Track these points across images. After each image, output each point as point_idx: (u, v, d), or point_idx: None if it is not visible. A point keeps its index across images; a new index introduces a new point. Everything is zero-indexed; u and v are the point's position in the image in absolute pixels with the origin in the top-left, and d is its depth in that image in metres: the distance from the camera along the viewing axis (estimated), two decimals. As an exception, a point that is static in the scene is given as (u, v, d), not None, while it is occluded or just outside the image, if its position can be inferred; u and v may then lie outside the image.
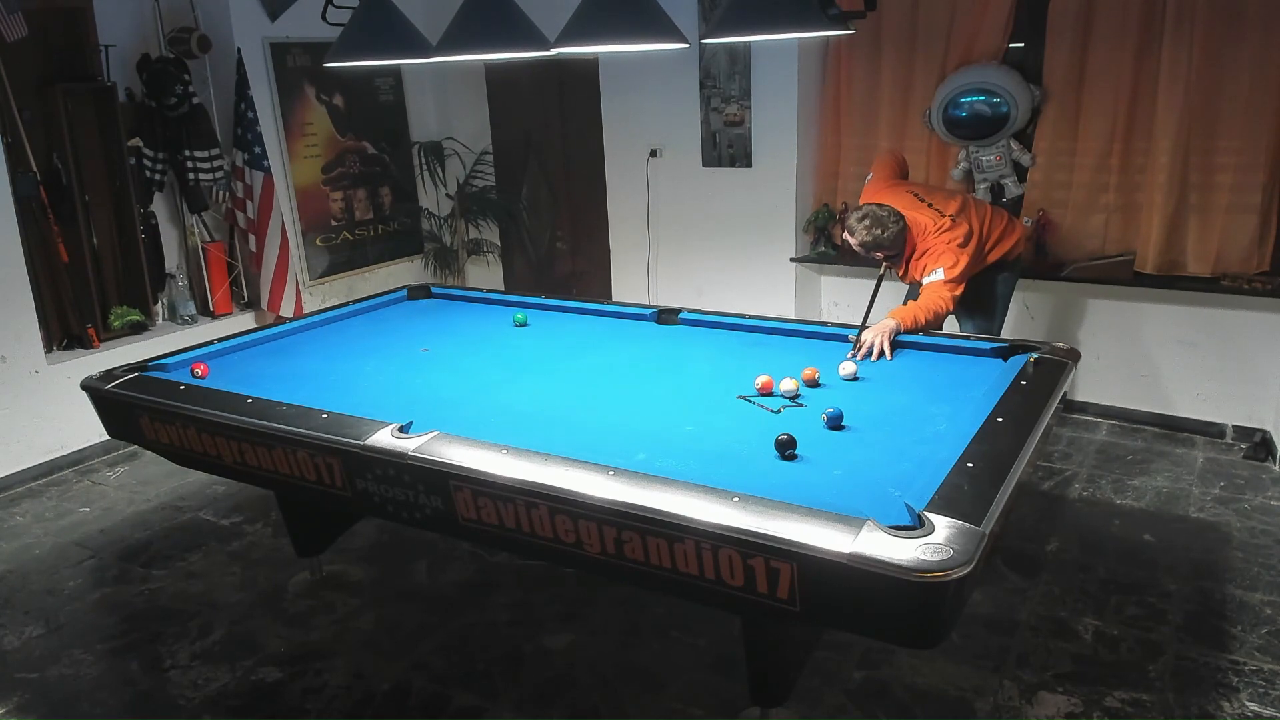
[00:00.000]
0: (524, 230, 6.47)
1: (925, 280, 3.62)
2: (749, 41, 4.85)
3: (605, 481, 2.13)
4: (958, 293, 3.59)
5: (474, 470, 2.28)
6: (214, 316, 5.19)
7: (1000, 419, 2.45)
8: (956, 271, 3.59)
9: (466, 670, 2.90)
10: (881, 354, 3.14)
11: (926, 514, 1.92)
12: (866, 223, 3.68)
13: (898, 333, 3.25)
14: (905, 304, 3.66)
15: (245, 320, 5.21)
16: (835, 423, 2.53)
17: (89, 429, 4.19)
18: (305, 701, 2.79)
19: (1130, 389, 4.61)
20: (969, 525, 1.88)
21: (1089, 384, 4.68)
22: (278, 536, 3.73)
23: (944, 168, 4.87)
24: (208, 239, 5.21)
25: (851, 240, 3.75)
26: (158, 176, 4.92)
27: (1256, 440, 4.23)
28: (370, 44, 3.16)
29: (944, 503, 1.99)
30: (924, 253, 3.72)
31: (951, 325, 4.07)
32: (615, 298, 5.80)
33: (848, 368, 2.96)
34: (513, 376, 3.12)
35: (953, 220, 3.74)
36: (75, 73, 4.55)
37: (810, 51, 4.95)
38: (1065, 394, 2.83)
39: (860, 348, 3.15)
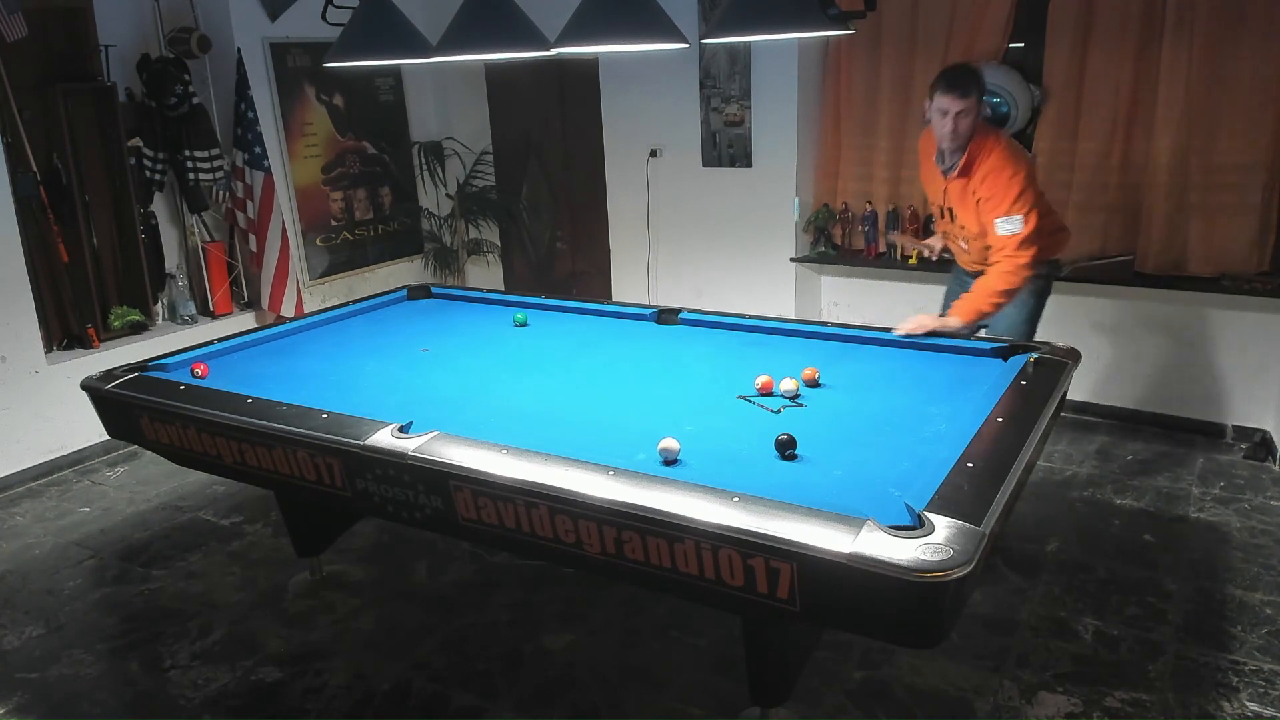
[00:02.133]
0: (524, 230, 6.47)
1: (997, 230, 3.12)
2: (749, 41, 4.85)
3: (605, 481, 2.13)
4: (1027, 267, 3.07)
5: (474, 470, 2.27)
6: (214, 316, 5.19)
7: (1000, 419, 2.44)
8: (1030, 228, 3.06)
9: (466, 670, 2.90)
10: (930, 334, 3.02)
11: (926, 514, 1.92)
12: (964, 71, 3.18)
13: (948, 332, 3.08)
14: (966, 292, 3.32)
15: (245, 320, 5.21)
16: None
17: (89, 429, 4.19)
18: (305, 701, 2.79)
19: (1130, 389, 4.61)
20: (969, 525, 1.88)
21: (1089, 384, 4.68)
22: (278, 536, 3.73)
23: (944, 168, 4.87)
24: (208, 239, 5.21)
25: (947, 98, 3.16)
26: (158, 176, 4.92)
27: (1256, 440, 4.23)
28: (370, 44, 3.16)
29: (944, 503, 1.99)
30: (985, 177, 3.19)
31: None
32: (615, 298, 5.80)
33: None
34: (513, 376, 3.12)
35: (1014, 171, 3.20)
36: (75, 73, 4.55)
37: (810, 51, 4.95)
38: (1065, 394, 2.83)
39: (910, 322, 3.03)
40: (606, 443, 2.45)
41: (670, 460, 2.32)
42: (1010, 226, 3.08)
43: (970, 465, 2.17)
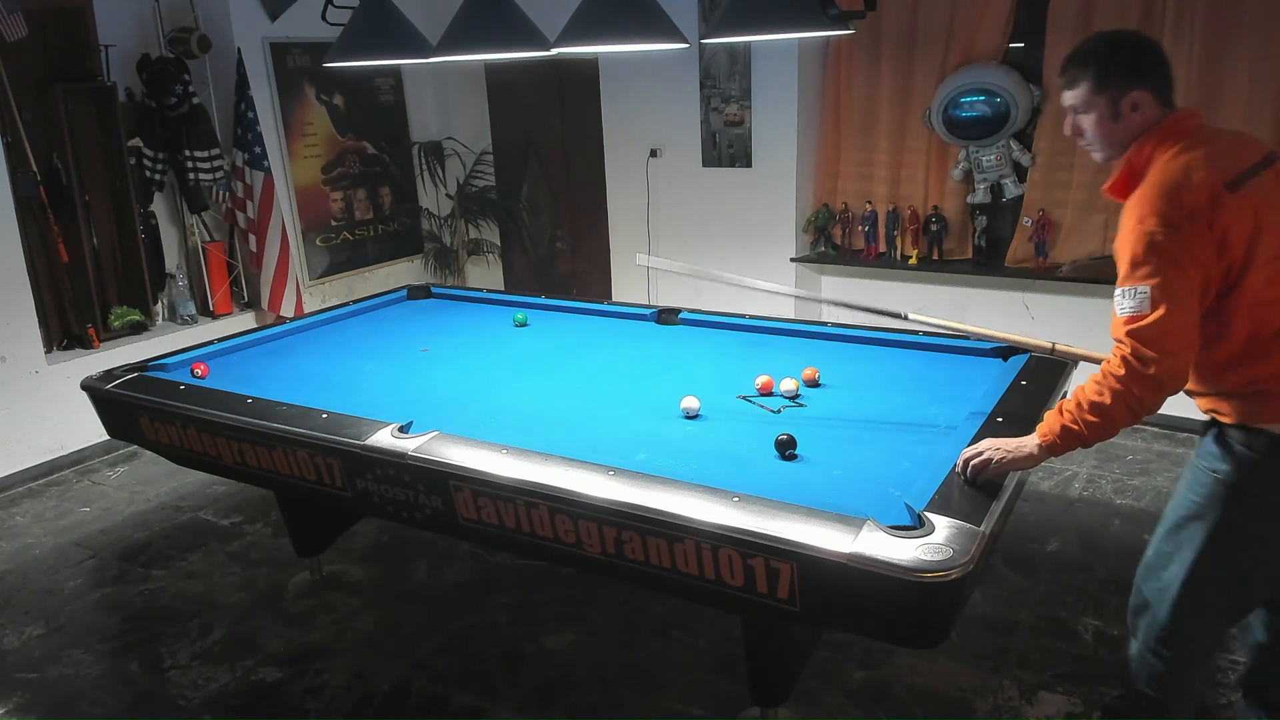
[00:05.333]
0: (524, 230, 6.47)
1: (1114, 307, 1.86)
2: (749, 41, 4.85)
3: (605, 481, 2.13)
4: (1130, 382, 1.82)
5: (474, 470, 2.28)
6: (214, 316, 5.19)
7: (1000, 419, 2.45)
8: (1156, 318, 1.77)
9: (466, 670, 2.90)
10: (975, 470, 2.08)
11: (926, 514, 1.92)
12: (1077, 48, 1.98)
13: (1021, 462, 2.05)
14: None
15: (245, 320, 5.21)
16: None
17: (89, 429, 4.19)
18: (305, 701, 2.79)
19: (1130, 389, 4.60)
20: (969, 525, 1.88)
21: (1089, 384, 4.68)
22: (278, 536, 3.73)
23: (944, 168, 4.87)
24: (208, 239, 5.21)
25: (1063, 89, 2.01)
26: (158, 176, 4.92)
27: (1256, 440, 4.22)
28: (370, 44, 3.17)
29: (944, 503, 1.99)
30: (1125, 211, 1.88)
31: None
32: (615, 298, 5.79)
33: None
34: (513, 377, 3.12)
35: (1149, 212, 1.79)
36: (75, 73, 4.55)
37: (810, 51, 4.94)
38: (1065, 394, 2.82)
39: (965, 462, 2.11)
40: (607, 443, 2.45)
41: (691, 415, 2.64)
42: (1127, 305, 1.82)
43: (970, 465, 2.16)
